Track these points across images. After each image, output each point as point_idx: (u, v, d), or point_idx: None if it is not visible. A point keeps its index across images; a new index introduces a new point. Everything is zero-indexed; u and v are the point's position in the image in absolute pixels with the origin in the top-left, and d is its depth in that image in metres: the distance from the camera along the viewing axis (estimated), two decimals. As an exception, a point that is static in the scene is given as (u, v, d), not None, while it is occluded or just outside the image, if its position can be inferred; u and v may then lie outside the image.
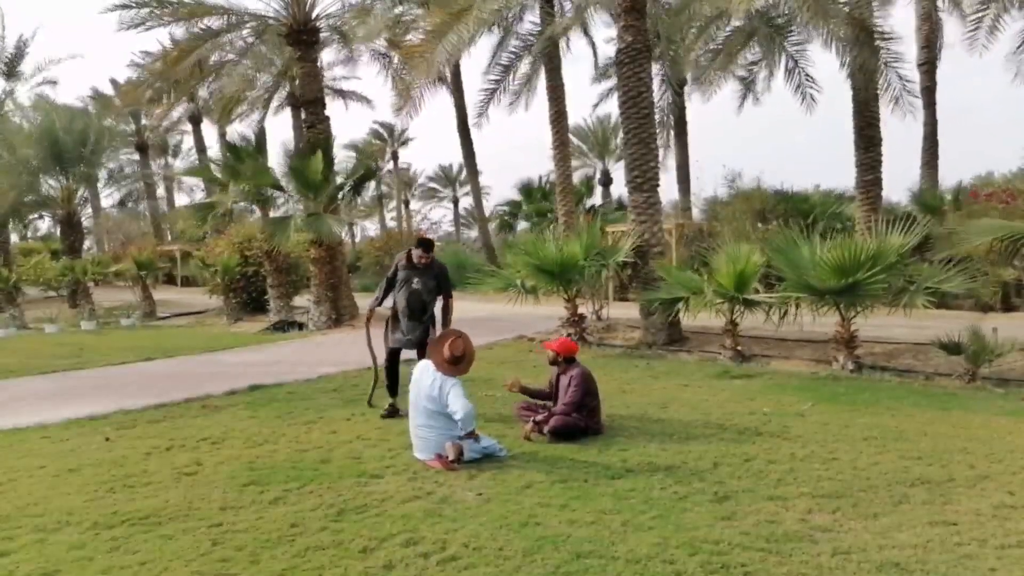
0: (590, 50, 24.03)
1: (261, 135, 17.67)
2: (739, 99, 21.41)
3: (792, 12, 14.47)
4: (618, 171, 32.90)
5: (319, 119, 16.44)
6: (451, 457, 5.33)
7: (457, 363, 5.67)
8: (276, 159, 18.18)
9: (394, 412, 7.06)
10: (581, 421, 6.18)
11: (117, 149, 26.65)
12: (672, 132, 24.88)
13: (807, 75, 17.52)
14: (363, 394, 8.12)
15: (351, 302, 16.70)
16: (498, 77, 20.34)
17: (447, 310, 7.27)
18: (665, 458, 5.50)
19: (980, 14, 17.54)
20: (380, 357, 7.52)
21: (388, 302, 7.44)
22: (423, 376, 5.72)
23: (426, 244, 7.23)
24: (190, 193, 40.11)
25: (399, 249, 19.26)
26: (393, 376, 7.31)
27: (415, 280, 7.12)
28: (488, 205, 34.95)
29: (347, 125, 60.44)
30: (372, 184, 47.69)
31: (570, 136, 23.02)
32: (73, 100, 29.72)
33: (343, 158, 20.67)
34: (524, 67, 20.66)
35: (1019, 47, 16.51)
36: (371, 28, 16.51)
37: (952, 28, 21.45)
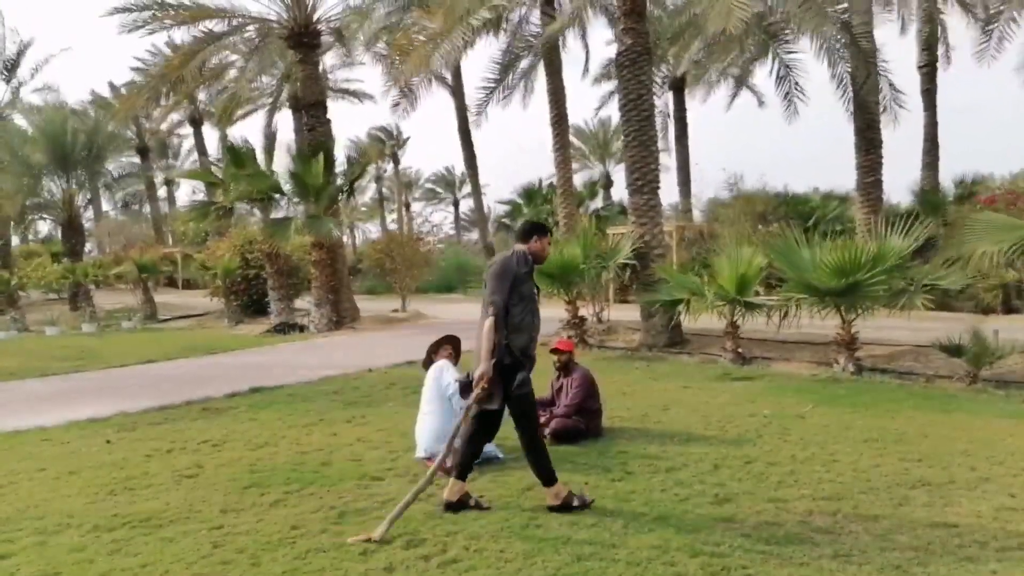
0: (591, 52, 23.99)
1: (271, 139, 17.63)
2: (730, 97, 21.41)
3: (787, 17, 14.44)
4: (619, 174, 32.84)
5: (320, 122, 16.46)
6: (448, 463, 5.32)
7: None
8: (281, 161, 18.18)
9: (480, 504, 4.59)
10: (582, 423, 6.18)
11: (119, 152, 26.69)
12: (673, 134, 24.95)
13: (796, 83, 17.30)
14: (364, 396, 8.09)
15: (352, 304, 16.74)
16: (497, 76, 20.27)
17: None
18: (666, 460, 5.49)
19: (991, 25, 17.59)
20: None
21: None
22: (432, 374, 5.86)
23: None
24: (191, 195, 40.14)
25: (399, 251, 19.22)
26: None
27: (535, 288, 4.72)
28: (488, 206, 34.91)
29: (348, 125, 60.66)
30: (372, 186, 47.90)
31: (571, 139, 23.00)
32: (74, 103, 29.60)
33: (342, 159, 20.65)
34: (524, 65, 20.61)
35: None
36: (371, 33, 16.53)
37: (958, 29, 21.41)
